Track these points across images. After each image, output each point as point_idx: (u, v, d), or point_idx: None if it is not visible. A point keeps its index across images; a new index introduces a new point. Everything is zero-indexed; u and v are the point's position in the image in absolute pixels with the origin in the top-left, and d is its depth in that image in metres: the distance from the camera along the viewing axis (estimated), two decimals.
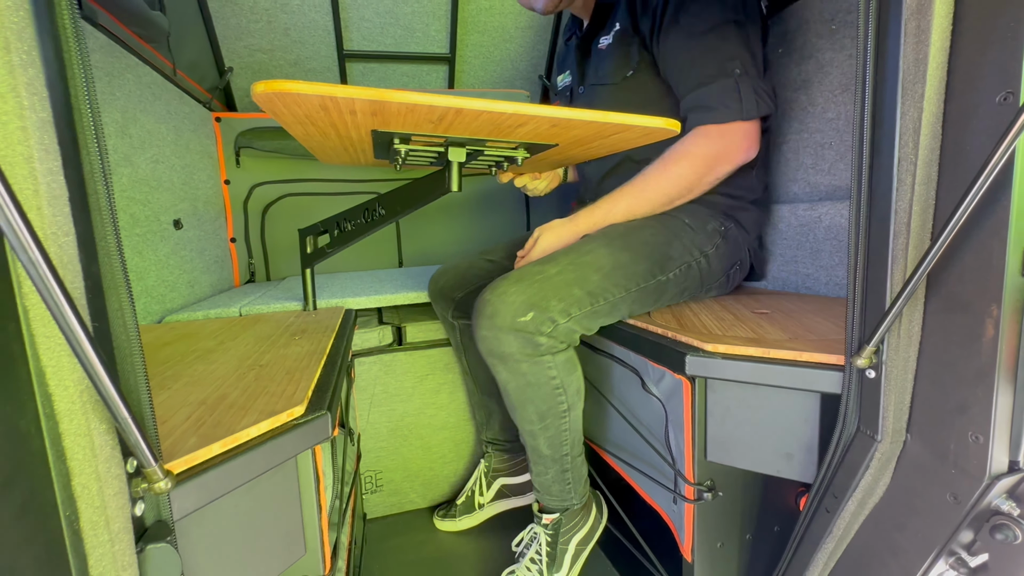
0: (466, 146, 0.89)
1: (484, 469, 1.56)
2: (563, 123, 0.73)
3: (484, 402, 1.52)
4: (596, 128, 0.77)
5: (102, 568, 0.41)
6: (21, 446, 0.37)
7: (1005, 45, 0.53)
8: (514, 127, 0.76)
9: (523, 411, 1.04)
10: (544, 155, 1.02)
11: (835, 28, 1.17)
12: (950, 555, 0.67)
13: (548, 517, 1.14)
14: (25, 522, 0.37)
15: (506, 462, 1.55)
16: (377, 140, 0.87)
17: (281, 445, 0.61)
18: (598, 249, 1.02)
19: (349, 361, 1.35)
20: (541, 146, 0.91)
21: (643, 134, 0.83)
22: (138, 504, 0.44)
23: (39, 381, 0.38)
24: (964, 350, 0.60)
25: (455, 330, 1.49)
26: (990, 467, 0.59)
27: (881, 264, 0.64)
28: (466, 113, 0.68)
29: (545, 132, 0.80)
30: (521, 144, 0.90)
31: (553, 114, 0.69)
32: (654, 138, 0.86)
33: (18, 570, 0.36)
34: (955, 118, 0.58)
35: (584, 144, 0.91)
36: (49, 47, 0.37)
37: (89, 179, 0.40)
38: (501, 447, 1.55)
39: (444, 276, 1.47)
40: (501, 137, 0.83)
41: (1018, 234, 0.55)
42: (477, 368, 1.50)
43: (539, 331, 0.95)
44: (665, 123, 0.78)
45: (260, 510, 0.64)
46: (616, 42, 1.17)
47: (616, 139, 0.86)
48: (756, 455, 0.84)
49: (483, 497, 1.54)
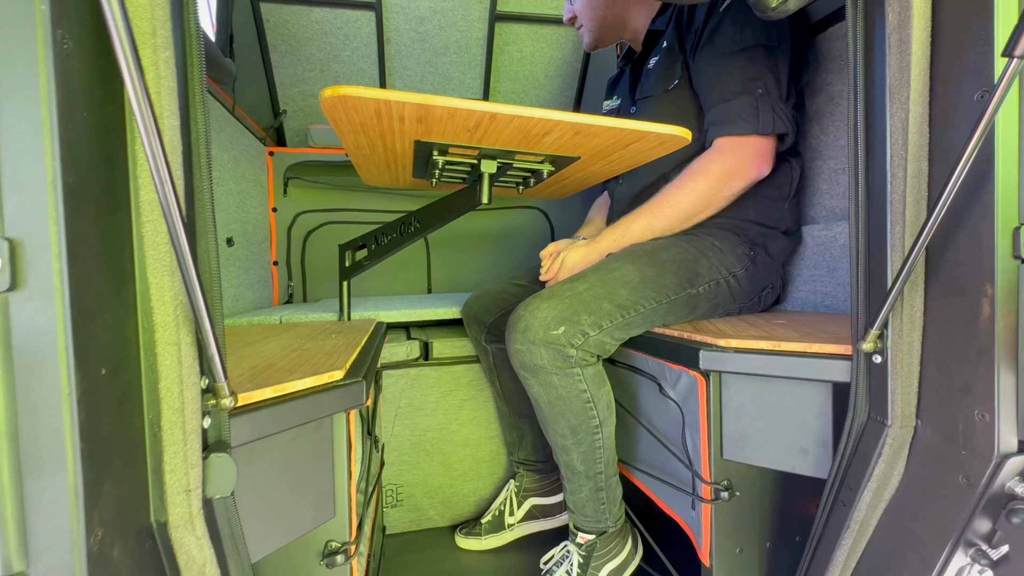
0: (497, 159, 0.98)
1: (515, 489, 1.55)
2: (584, 130, 0.82)
3: (516, 423, 1.54)
4: (614, 136, 0.86)
5: (175, 464, 0.47)
6: (124, 349, 0.45)
7: (978, 50, 0.60)
8: (541, 135, 0.85)
9: (555, 425, 1.06)
10: (568, 172, 1.11)
11: (843, 63, 1.25)
12: (969, 546, 0.67)
13: (584, 536, 1.13)
14: (123, 410, 0.44)
15: (538, 482, 1.55)
16: (418, 152, 0.97)
17: (321, 401, 0.67)
18: (625, 266, 1.06)
19: (377, 370, 1.42)
20: (565, 159, 1.00)
21: (658, 143, 0.90)
22: (206, 418, 0.51)
23: (143, 297, 0.46)
24: (964, 331, 0.63)
25: (488, 354, 1.54)
26: (998, 445, 0.60)
27: (880, 252, 0.69)
28: (499, 119, 0.77)
29: (569, 142, 0.88)
30: (547, 157, 0.99)
31: (576, 120, 0.78)
32: (669, 147, 0.93)
33: (112, 452, 0.43)
34: (939, 117, 0.64)
35: (605, 157, 0.99)
36: (183, 77, 0.47)
37: (196, 147, 0.50)
38: (533, 467, 1.55)
39: (477, 302, 1.54)
40: (529, 148, 0.92)
41: (1005, 218, 0.59)
42: (510, 389, 1.53)
43: (570, 343, 0.98)
44: (678, 131, 0.86)
45: (298, 465, 0.69)
46: (662, 58, 1.24)
47: (634, 149, 0.94)
48: (771, 451, 0.85)
49: (513, 517, 1.53)
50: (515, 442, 1.57)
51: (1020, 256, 0.60)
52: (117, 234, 0.44)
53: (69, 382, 0.39)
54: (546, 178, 1.07)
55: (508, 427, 1.58)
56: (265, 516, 0.65)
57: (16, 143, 0.37)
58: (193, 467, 0.48)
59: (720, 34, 1.09)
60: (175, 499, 0.48)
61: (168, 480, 0.48)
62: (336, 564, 0.75)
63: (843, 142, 1.27)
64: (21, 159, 0.37)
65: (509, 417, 1.56)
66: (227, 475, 0.51)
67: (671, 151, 0.96)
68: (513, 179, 1.16)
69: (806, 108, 1.36)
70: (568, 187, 1.40)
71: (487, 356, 1.55)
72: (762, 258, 1.19)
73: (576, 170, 1.11)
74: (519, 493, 1.55)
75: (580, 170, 1.11)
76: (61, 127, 0.38)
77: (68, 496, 0.39)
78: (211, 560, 0.51)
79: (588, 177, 1.24)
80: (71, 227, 0.39)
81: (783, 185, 1.20)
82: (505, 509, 1.53)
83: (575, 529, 1.16)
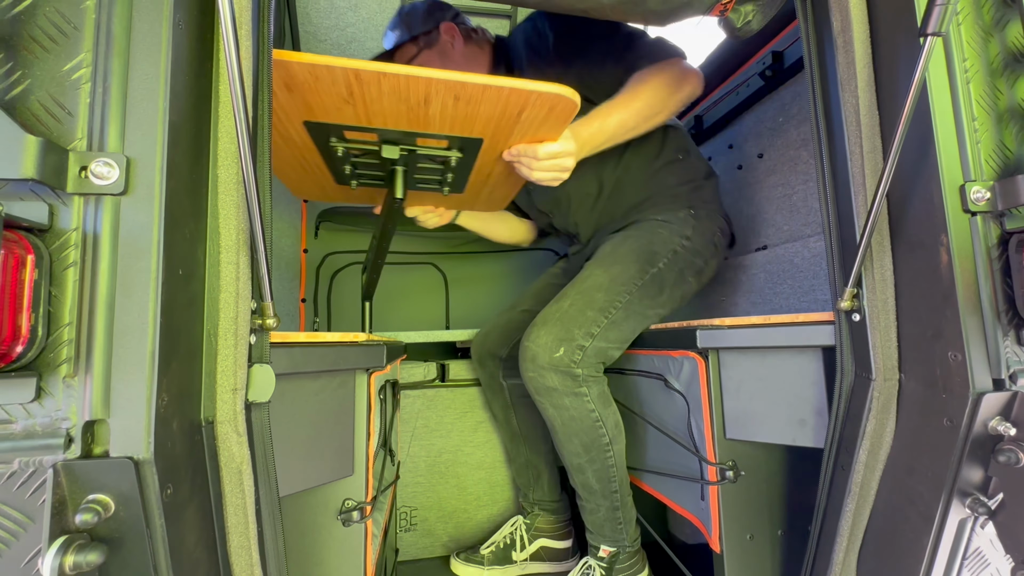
0: (398, 144, 0.95)
1: (525, 526, 1.51)
2: (462, 93, 0.79)
3: (533, 461, 1.54)
4: (498, 101, 0.81)
5: (225, 367, 0.55)
6: (196, 260, 0.55)
7: (907, 39, 0.71)
8: (422, 103, 0.80)
9: (570, 444, 1.13)
10: (486, 165, 1.06)
11: (774, 127, 1.39)
12: (965, 496, 0.68)
13: (606, 549, 1.16)
14: (190, 312, 0.53)
15: (551, 523, 1.52)
16: (318, 141, 0.95)
17: (346, 353, 0.75)
18: (595, 272, 1.17)
19: (395, 385, 1.48)
20: (470, 143, 0.96)
21: (548, 109, 0.85)
22: (253, 335, 0.59)
23: (212, 224, 0.57)
24: (929, 279, 0.69)
25: (504, 391, 1.55)
26: (973, 382, 0.64)
27: (848, 221, 0.77)
28: (365, 78, 0.73)
29: (458, 113, 0.85)
30: (450, 140, 0.95)
31: (447, 77, 0.74)
32: (560, 114, 0.88)
33: (179, 340, 0.52)
34: (886, 100, 0.74)
35: (505, 137, 0.95)
36: (257, 62, 0.61)
37: (261, 117, 0.63)
38: (548, 507, 1.53)
39: (488, 337, 1.55)
40: (421, 126, 0.89)
41: (950, 177, 0.67)
42: (527, 425, 1.54)
43: (572, 361, 1.07)
44: (564, 91, 0.80)
45: (322, 418, 0.76)
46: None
47: (528, 121, 0.89)
48: (771, 426, 0.88)
49: (521, 554, 1.48)
50: (530, 482, 1.55)
51: (969, 210, 0.67)
52: (199, 171, 0.56)
53: (157, 270, 0.48)
54: (454, 166, 1.03)
55: (522, 467, 1.56)
56: (291, 457, 0.71)
57: (142, 89, 0.50)
58: (240, 369, 0.56)
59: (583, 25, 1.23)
60: (224, 397, 0.55)
61: (219, 381, 0.56)
62: (352, 521, 0.79)
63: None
64: (144, 100, 0.50)
65: (526, 454, 1.55)
66: (267, 383, 0.59)
67: (565, 119, 0.92)
68: (430, 177, 1.13)
69: (793, 137, 1.49)
70: (499, 192, 1.33)
71: (503, 393, 1.55)
72: (701, 209, 1.31)
73: (490, 161, 1.07)
74: (529, 531, 1.50)
75: (496, 163, 1.08)
76: (171, 82, 0.51)
77: (146, 360, 0.47)
78: (247, 460, 0.57)
79: (508, 185, 1.22)
80: (170, 154, 0.50)
81: (682, 145, 1.38)
82: (514, 543, 1.49)
83: (595, 545, 1.19)
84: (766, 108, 1.61)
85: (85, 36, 0.49)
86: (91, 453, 0.46)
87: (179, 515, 0.50)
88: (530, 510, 1.55)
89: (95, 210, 0.48)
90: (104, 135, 0.49)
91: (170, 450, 0.49)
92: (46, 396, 0.46)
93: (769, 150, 1.59)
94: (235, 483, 0.57)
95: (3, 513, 0.44)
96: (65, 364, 0.46)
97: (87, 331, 0.47)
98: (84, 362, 0.46)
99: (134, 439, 0.46)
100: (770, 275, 1.52)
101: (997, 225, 0.68)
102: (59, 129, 0.48)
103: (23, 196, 0.47)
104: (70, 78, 0.49)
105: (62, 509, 0.44)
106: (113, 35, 0.50)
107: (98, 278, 0.47)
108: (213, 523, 0.57)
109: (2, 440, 0.45)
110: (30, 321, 0.45)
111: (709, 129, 1.85)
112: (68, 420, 0.46)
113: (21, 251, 0.44)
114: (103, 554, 0.44)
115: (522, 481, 1.58)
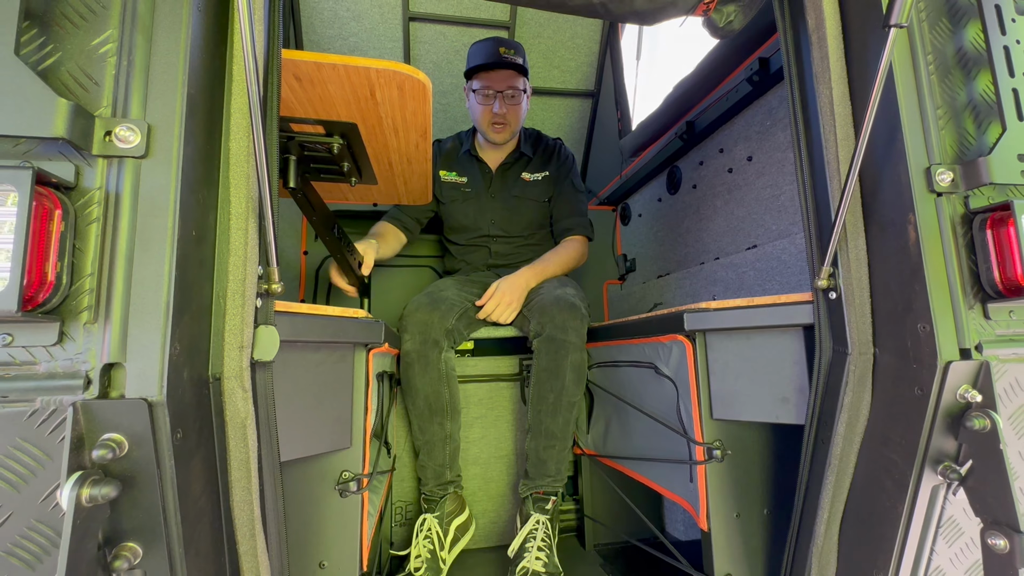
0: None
1: (436, 520, 1.43)
2: (304, 75, 0.80)
3: (453, 435, 1.52)
4: (343, 80, 0.82)
5: (233, 325, 0.59)
6: (209, 223, 0.59)
7: (875, 30, 0.76)
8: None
9: (577, 385, 1.40)
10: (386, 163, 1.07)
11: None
12: (937, 464, 0.71)
13: (553, 500, 1.38)
14: (201, 272, 0.57)
15: (456, 501, 1.51)
16: None
17: (345, 327, 0.79)
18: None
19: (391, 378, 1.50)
20: (349, 128, 0.98)
21: (397, 87, 0.87)
22: (258, 298, 0.63)
23: (224, 191, 0.61)
24: (899, 256, 0.73)
25: (442, 362, 1.50)
26: (940, 352, 0.68)
27: (825, 205, 0.81)
28: None
29: (313, 96, 0.86)
30: (325, 126, 0.96)
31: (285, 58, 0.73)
32: (414, 94, 0.90)
33: (191, 296, 0.55)
34: (858, 91, 0.79)
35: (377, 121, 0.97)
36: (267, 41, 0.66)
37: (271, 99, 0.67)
38: (459, 484, 1.53)
39: (436, 309, 1.52)
40: (288, 112, 0.89)
41: (916, 160, 0.72)
42: (456, 400, 1.53)
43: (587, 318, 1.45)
44: (401, 67, 0.83)
45: (321, 388, 0.79)
46: (544, 182, 1.96)
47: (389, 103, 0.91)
48: (755, 405, 0.91)
49: (445, 551, 1.40)
50: (446, 460, 1.50)
51: (934, 190, 0.71)
52: (213, 142, 0.60)
53: (173, 228, 0.52)
54: (343, 154, 1.04)
55: (439, 445, 1.50)
56: (293, 425, 0.74)
57: (163, 63, 0.54)
58: (247, 327, 0.59)
59: (575, 179, 1.97)
60: (231, 354, 0.59)
61: (227, 339, 0.59)
62: (349, 492, 0.82)
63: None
64: (164, 73, 0.54)
65: (448, 431, 1.51)
66: (271, 343, 0.62)
67: (422, 98, 0.94)
68: (330, 166, 1.13)
69: (780, 140, 1.54)
70: (413, 183, 1.37)
71: (440, 365, 1.50)
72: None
73: (382, 149, 1.10)
74: (443, 521, 1.44)
75: (391, 152, 1.12)
76: (190, 58, 0.55)
77: (161, 310, 0.50)
78: (251, 416, 0.60)
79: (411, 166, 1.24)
80: (187, 124, 0.54)
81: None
82: (434, 545, 1.38)
83: (543, 496, 1.39)
84: (754, 113, 1.66)
85: (112, 14, 0.54)
86: (108, 395, 0.49)
87: (187, 461, 0.53)
88: (443, 493, 1.49)
89: (117, 171, 0.52)
90: (128, 103, 0.53)
91: (181, 396, 0.52)
92: (68, 340, 0.49)
93: (758, 153, 1.65)
94: (239, 437, 0.60)
95: (24, 450, 0.47)
96: (86, 311, 0.49)
97: (107, 281, 0.50)
98: (104, 310, 0.50)
99: (148, 382, 0.49)
100: (759, 272, 1.56)
101: (962, 205, 0.73)
102: (86, 97, 0.52)
103: (52, 157, 0.50)
104: (98, 52, 0.53)
105: (80, 446, 0.47)
106: (138, 14, 0.54)
107: (119, 234, 0.51)
108: (217, 476, 0.60)
109: (26, 380, 0.48)
110: (55, 270, 0.48)
111: (700, 134, 1.91)
112: (87, 363, 0.49)
113: (50, 205, 0.48)
114: (117, 488, 0.47)
115: (437, 461, 1.50)
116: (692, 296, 1.91)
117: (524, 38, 2.56)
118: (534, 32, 2.55)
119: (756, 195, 1.66)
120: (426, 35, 2.51)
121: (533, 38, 2.57)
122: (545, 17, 2.53)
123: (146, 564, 0.51)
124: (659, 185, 2.27)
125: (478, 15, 2.47)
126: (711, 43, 1.83)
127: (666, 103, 2.07)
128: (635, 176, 2.39)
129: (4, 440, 0.47)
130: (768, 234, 1.58)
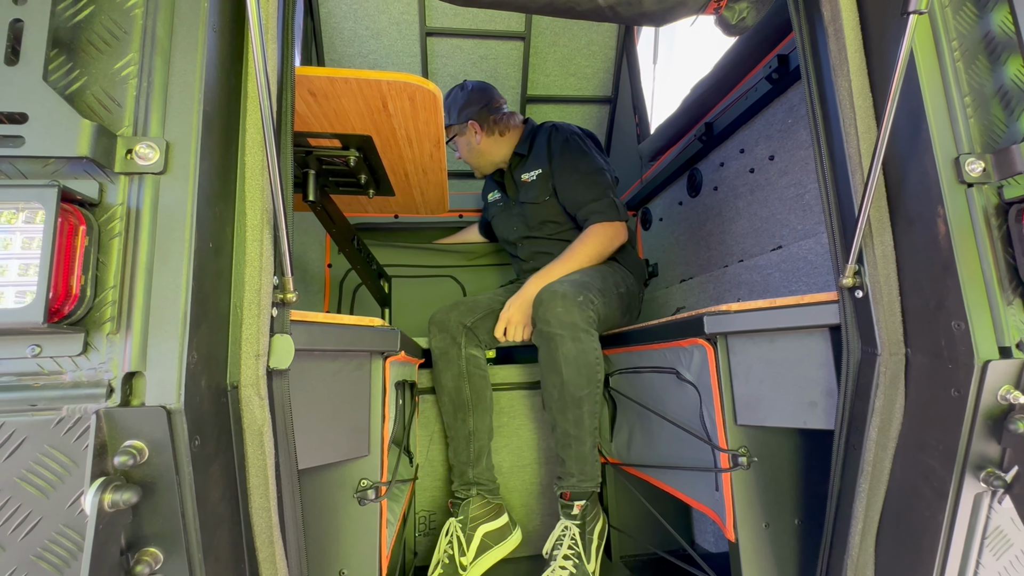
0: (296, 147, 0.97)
1: (459, 524, 1.41)
2: (319, 90, 0.83)
3: (478, 433, 1.51)
4: (358, 94, 0.85)
5: (250, 334, 0.60)
6: (225, 236, 0.60)
7: (896, 25, 0.73)
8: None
9: (579, 377, 1.28)
10: (402, 174, 1.09)
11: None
12: (979, 469, 0.67)
13: (579, 504, 1.29)
14: (218, 283, 0.59)
15: (485, 507, 1.47)
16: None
17: (361, 335, 0.80)
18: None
19: (414, 388, 1.51)
20: (365, 141, 1.00)
21: (408, 99, 0.89)
22: (274, 308, 0.64)
23: (240, 204, 0.62)
24: (929, 251, 0.69)
25: (462, 359, 1.56)
26: (977, 350, 0.64)
27: (848, 201, 0.78)
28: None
29: (328, 110, 0.88)
30: (341, 140, 0.98)
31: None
32: (425, 108, 0.93)
33: (208, 306, 0.57)
34: (878, 83, 0.77)
35: (392, 132, 0.99)
36: (281, 60, 0.68)
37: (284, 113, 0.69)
38: (486, 486, 1.49)
39: (456, 308, 1.62)
40: (305, 127, 0.93)
41: (944, 150, 0.69)
42: (477, 397, 1.54)
43: (590, 304, 1.35)
44: (411, 78, 0.85)
45: (339, 397, 0.80)
46: (539, 180, 1.84)
47: (402, 115, 0.94)
48: (781, 409, 0.88)
49: (467, 557, 1.37)
50: (470, 459, 1.50)
51: (964, 181, 0.68)
52: (230, 158, 0.62)
53: (190, 241, 0.54)
54: (360, 166, 1.07)
55: (464, 442, 1.52)
56: (310, 432, 0.75)
57: (181, 83, 0.56)
58: (263, 336, 0.61)
59: (577, 160, 1.76)
60: (247, 362, 0.60)
61: (244, 348, 0.60)
62: (368, 499, 0.82)
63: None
64: (182, 92, 0.56)
65: (471, 426, 1.52)
66: (287, 351, 0.63)
67: (434, 108, 0.96)
68: (347, 179, 1.16)
69: (803, 139, 1.50)
70: (430, 194, 1.39)
71: (460, 362, 1.56)
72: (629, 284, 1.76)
73: (398, 160, 1.11)
74: (465, 526, 1.42)
75: (407, 164, 1.13)
76: (206, 77, 0.58)
77: (179, 320, 0.52)
78: (268, 424, 0.61)
79: (428, 176, 1.27)
80: (204, 140, 0.57)
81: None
82: (454, 550, 1.37)
83: (570, 501, 1.30)
84: (775, 111, 1.63)
85: (133, 39, 0.56)
86: (129, 403, 0.51)
87: (206, 468, 0.54)
88: (466, 495, 1.48)
89: (138, 188, 0.54)
90: (147, 122, 0.55)
91: (199, 404, 0.53)
92: (92, 350, 0.51)
93: (780, 152, 1.61)
94: (256, 445, 0.61)
95: (52, 456, 0.49)
96: (109, 322, 0.51)
97: (128, 293, 0.52)
98: (125, 320, 0.52)
99: (167, 390, 0.51)
100: (785, 274, 1.51)
101: (995, 195, 0.69)
102: (109, 118, 0.55)
103: (77, 175, 0.53)
104: (120, 75, 0.56)
105: (102, 452, 0.49)
106: (157, 38, 0.57)
107: (139, 247, 0.53)
108: (236, 483, 0.61)
109: (54, 389, 0.50)
110: (80, 283, 0.50)
111: (720, 135, 1.87)
112: (110, 372, 0.51)
113: (75, 221, 0.50)
114: (137, 494, 0.48)
115: (461, 459, 1.52)
116: (716, 300, 1.87)
117: (540, 47, 2.58)
118: (550, 40, 2.57)
119: (779, 195, 1.61)
120: (443, 49, 2.55)
121: (549, 46, 2.59)
122: (560, 25, 2.54)
123: (167, 569, 0.52)
124: (679, 189, 2.24)
125: (493, 27, 2.50)
126: (728, 43, 1.80)
127: (684, 105, 2.04)
128: (655, 180, 2.36)
129: (34, 447, 0.49)
130: (793, 234, 1.53)
